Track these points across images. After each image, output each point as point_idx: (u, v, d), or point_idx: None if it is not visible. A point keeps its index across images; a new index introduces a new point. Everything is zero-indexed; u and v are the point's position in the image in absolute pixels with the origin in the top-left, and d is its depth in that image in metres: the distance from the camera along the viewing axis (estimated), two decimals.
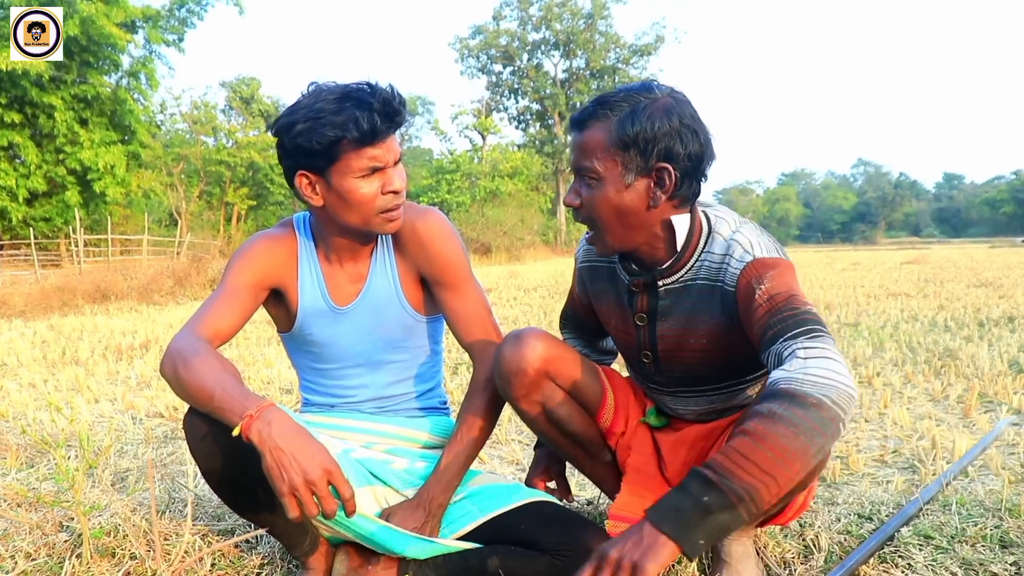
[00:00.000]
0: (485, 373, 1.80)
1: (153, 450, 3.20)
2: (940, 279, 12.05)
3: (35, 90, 21.88)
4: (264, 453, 1.39)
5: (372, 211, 1.64)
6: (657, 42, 43.35)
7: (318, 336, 1.83)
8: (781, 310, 1.44)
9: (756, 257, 1.53)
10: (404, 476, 1.82)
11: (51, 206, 24.52)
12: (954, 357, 4.82)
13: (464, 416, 1.81)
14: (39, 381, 4.84)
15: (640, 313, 1.72)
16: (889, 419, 3.40)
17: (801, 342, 1.38)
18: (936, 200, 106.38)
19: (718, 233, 1.61)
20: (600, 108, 1.53)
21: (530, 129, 45.89)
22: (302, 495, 1.38)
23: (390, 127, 1.59)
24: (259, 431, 1.41)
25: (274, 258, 1.78)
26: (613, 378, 1.92)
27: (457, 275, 1.80)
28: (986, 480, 2.51)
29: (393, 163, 1.63)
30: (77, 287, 11.63)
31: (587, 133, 1.54)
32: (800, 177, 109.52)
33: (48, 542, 1.95)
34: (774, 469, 1.24)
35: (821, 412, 1.27)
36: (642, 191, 1.54)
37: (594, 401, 1.85)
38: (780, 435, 1.25)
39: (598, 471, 1.97)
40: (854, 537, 1.97)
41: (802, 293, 1.48)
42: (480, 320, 1.83)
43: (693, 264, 1.61)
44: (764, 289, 1.47)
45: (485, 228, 29.06)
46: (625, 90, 1.54)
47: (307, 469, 1.39)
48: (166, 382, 1.56)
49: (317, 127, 1.54)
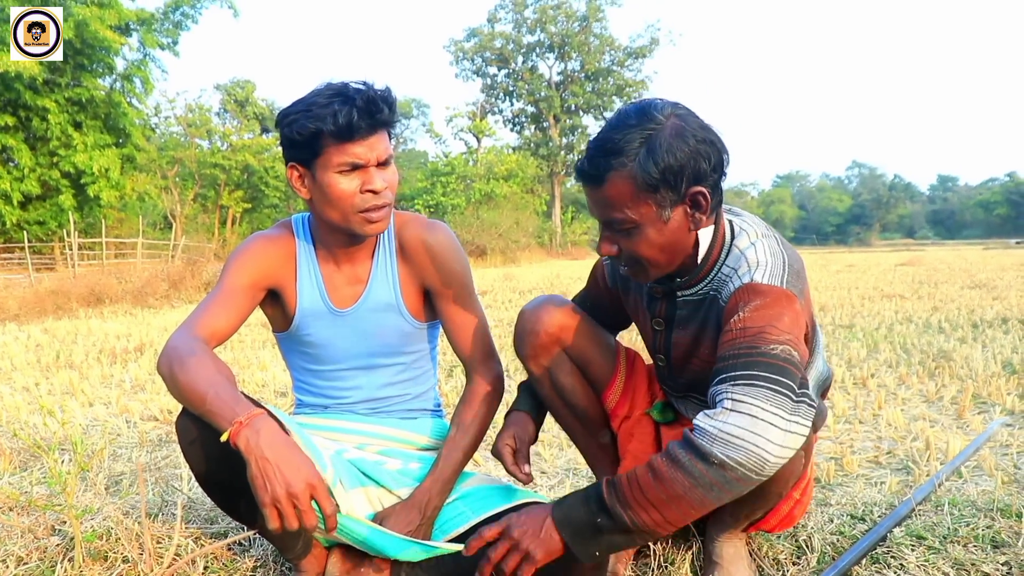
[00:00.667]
0: (480, 384, 1.86)
1: (147, 453, 3.20)
2: (934, 281, 12.08)
3: (29, 93, 21.81)
4: (250, 461, 1.40)
5: (351, 209, 1.64)
6: (652, 44, 43.43)
7: (315, 337, 1.83)
8: (741, 346, 1.38)
9: (752, 281, 1.47)
10: (398, 476, 1.82)
11: (45, 209, 24.44)
12: (948, 358, 4.83)
13: (459, 421, 1.84)
14: (32, 385, 4.82)
15: (658, 318, 1.72)
16: (883, 420, 3.41)
17: (736, 390, 1.33)
18: (930, 202, 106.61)
19: (736, 246, 1.56)
20: (613, 157, 1.44)
21: (525, 131, 45.92)
22: (283, 507, 1.39)
23: (371, 124, 1.59)
24: (247, 439, 1.41)
25: (271, 259, 1.78)
26: (632, 361, 1.93)
27: (461, 289, 1.84)
28: (979, 481, 2.52)
29: (376, 163, 1.63)
30: (71, 290, 11.59)
31: (608, 187, 1.46)
32: (795, 179, 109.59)
33: (40, 546, 1.94)
34: (665, 510, 1.33)
35: (724, 472, 1.29)
36: (681, 219, 1.49)
37: (603, 379, 1.89)
38: (678, 482, 1.31)
39: (593, 449, 1.99)
40: (847, 538, 1.98)
41: (783, 328, 1.39)
42: (478, 334, 1.86)
43: (712, 276, 1.59)
44: (742, 317, 1.42)
45: (480, 231, 29.04)
46: (626, 126, 1.45)
47: (291, 482, 1.39)
48: (162, 380, 1.56)
49: (301, 118, 1.58)
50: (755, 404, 1.30)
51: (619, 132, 1.45)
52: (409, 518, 1.72)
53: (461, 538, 1.74)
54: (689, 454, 1.31)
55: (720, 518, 1.76)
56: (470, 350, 1.86)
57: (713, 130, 1.48)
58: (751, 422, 1.29)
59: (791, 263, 1.52)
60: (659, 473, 1.33)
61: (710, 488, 1.30)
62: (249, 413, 1.44)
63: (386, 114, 1.61)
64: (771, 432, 1.28)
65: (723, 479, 1.29)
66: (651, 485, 1.33)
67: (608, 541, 1.40)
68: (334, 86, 1.61)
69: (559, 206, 43.61)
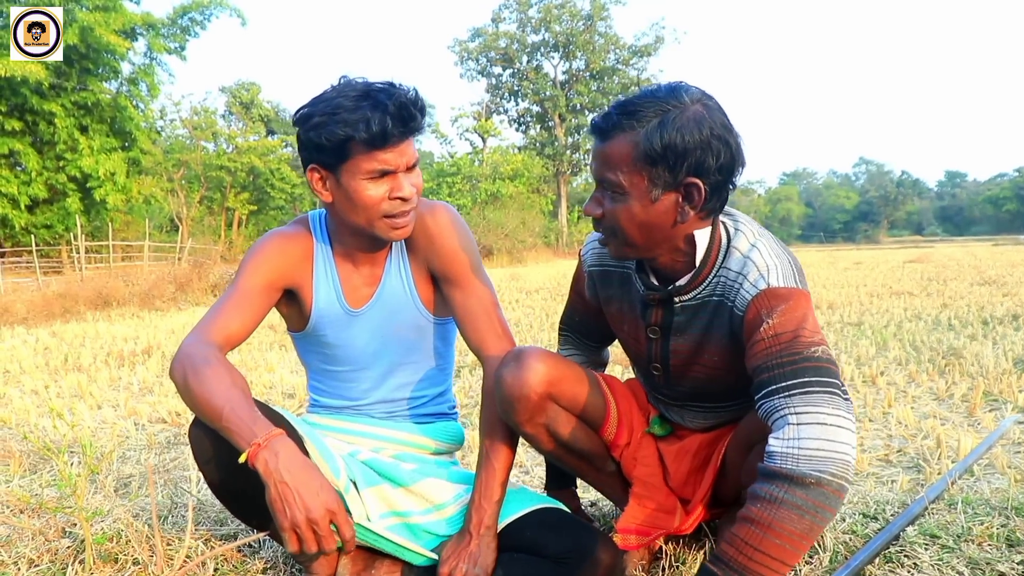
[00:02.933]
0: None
1: (155, 455, 3.20)
2: (943, 277, 12.03)
3: (35, 97, 21.86)
4: (269, 485, 1.40)
5: (377, 214, 1.61)
6: (657, 43, 43.27)
7: (332, 338, 1.81)
8: (780, 354, 1.38)
9: (770, 286, 1.45)
10: (414, 474, 1.79)
11: (52, 213, 24.51)
12: (958, 356, 4.80)
13: (485, 427, 1.75)
14: (41, 388, 4.84)
15: (653, 326, 1.68)
16: (893, 418, 3.39)
17: (795, 402, 1.33)
18: (939, 198, 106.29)
19: (736, 248, 1.54)
20: (625, 117, 1.43)
21: (530, 131, 45.83)
22: (303, 532, 1.40)
23: (403, 132, 1.55)
24: (266, 461, 1.41)
25: (288, 258, 1.75)
26: (615, 387, 1.87)
27: (464, 269, 1.76)
28: (992, 479, 2.50)
29: (406, 168, 1.60)
30: (79, 294, 11.63)
31: (611, 144, 1.45)
32: (802, 176, 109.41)
33: (51, 548, 1.94)
34: (783, 555, 1.28)
35: (822, 489, 1.27)
36: (669, 206, 1.46)
37: (598, 416, 1.80)
38: (785, 520, 1.27)
39: (603, 480, 1.94)
40: (859, 537, 1.96)
41: (812, 328, 1.41)
42: (489, 315, 1.77)
43: (710, 280, 1.56)
44: (771, 324, 1.41)
45: (486, 231, 28.99)
46: (652, 96, 1.44)
47: (310, 507, 1.40)
48: (175, 386, 1.55)
49: (330, 123, 1.52)
50: (819, 411, 1.30)
51: (642, 99, 1.44)
52: (463, 541, 1.68)
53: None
54: (782, 486, 1.29)
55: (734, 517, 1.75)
56: (481, 333, 1.76)
57: (735, 133, 1.45)
58: (823, 431, 1.28)
59: (792, 260, 1.52)
60: (760, 521, 1.29)
61: (816, 512, 1.28)
62: (268, 434, 1.44)
63: (419, 120, 1.58)
64: (843, 435, 1.28)
65: (824, 497, 1.28)
66: (759, 538, 1.29)
67: None
68: (357, 87, 1.56)
69: (565, 206, 43.54)
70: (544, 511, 1.76)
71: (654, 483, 1.84)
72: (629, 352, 1.86)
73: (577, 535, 1.66)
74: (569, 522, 1.72)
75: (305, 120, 1.57)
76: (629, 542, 1.73)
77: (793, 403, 1.33)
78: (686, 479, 1.83)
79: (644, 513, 1.77)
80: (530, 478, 2.74)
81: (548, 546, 1.65)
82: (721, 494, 1.78)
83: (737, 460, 1.69)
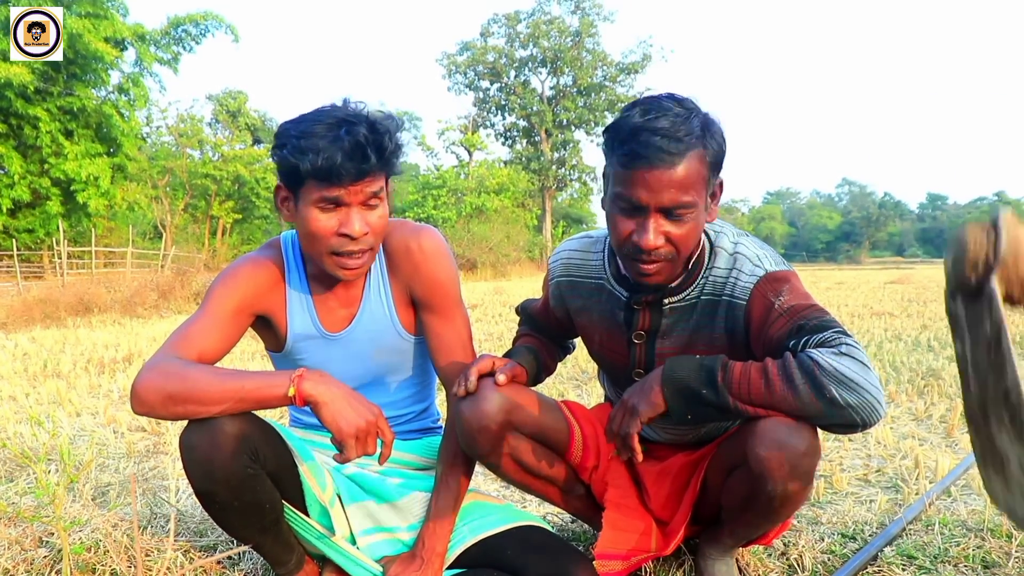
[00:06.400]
0: None
1: (135, 464, 3.18)
2: (923, 299, 12.14)
3: (20, 101, 21.73)
4: (322, 404, 1.46)
5: (324, 248, 1.57)
6: (644, 60, 43.60)
7: (309, 360, 1.77)
8: (806, 316, 1.45)
9: (768, 271, 1.53)
10: (400, 489, 1.80)
11: (34, 217, 24.32)
12: (937, 377, 4.85)
13: (446, 458, 1.76)
14: (20, 394, 4.79)
15: (639, 331, 1.68)
16: (872, 438, 3.42)
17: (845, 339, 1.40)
18: (920, 220, 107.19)
19: (720, 247, 1.59)
20: (688, 136, 1.41)
21: (516, 145, 45.93)
22: (362, 437, 1.47)
23: (357, 172, 1.49)
24: (315, 384, 1.48)
25: (259, 285, 1.71)
26: (576, 412, 1.86)
27: (445, 299, 1.75)
28: (969, 500, 2.52)
29: (360, 203, 1.54)
30: (60, 299, 11.52)
31: (684, 165, 1.41)
32: (785, 196, 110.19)
33: (27, 558, 1.93)
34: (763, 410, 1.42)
35: (833, 408, 1.37)
36: (709, 207, 1.52)
37: (561, 439, 1.80)
38: (784, 399, 1.39)
39: (573, 504, 1.93)
40: (837, 556, 1.98)
41: (815, 303, 1.49)
42: (461, 350, 1.77)
43: (699, 281, 1.60)
44: (783, 301, 1.48)
45: (471, 244, 29.00)
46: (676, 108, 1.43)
47: (365, 414, 1.48)
48: (147, 410, 1.48)
49: (289, 146, 1.49)
50: (862, 354, 1.38)
51: (675, 114, 1.42)
52: (412, 566, 1.68)
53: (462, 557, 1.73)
54: (805, 381, 1.37)
55: (718, 538, 1.75)
56: (452, 368, 1.75)
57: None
58: (863, 369, 1.36)
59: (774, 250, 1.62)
60: (771, 382, 1.40)
61: (811, 415, 1.40)
62: (297, 370, 1.50)
63: (373, 163, 1.50)
64: (877, 382, 1.36)
65: (828, 412, 1.38)
66: (760, 389, 1.40)
67: (703, 412, 1.46)
68: (337, 114, 1.51)
69: (550, 220, 43.66)
70: (527, 529, 1.75)
71: (628, 504, 1.83)
72: (603, 363, 1.86)
73: (558, 558, 1.65)
74: (553, 545, 1.71)
75: (277, 137, 1.54)
76: (612, 568, 1.71)
77: (844, 339, 1.40)
78: (666, 501, 1.82)
79: (620, 537, 1.77)
80: (510, 492, 2.73)
81: (528, 568, 1.64)
82: (701, 513, 1.78)
83: (717, 482, 1.69)
